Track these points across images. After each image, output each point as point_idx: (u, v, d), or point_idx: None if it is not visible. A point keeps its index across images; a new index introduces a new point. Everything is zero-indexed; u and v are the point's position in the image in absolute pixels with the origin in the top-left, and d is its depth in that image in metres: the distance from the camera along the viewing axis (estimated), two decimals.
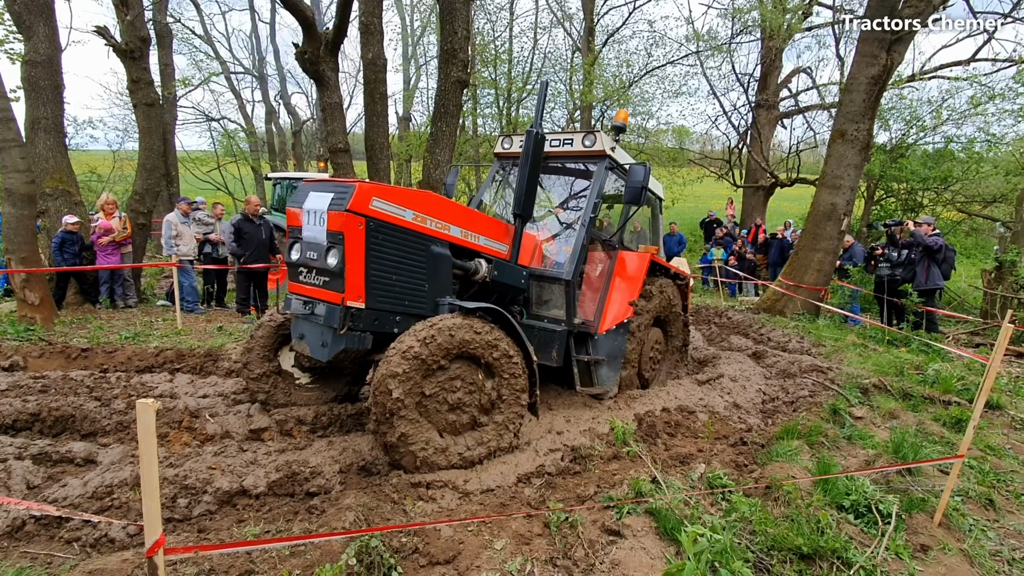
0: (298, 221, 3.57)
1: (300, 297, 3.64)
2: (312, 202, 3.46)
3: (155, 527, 1.68)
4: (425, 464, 3.37)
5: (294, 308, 3.69)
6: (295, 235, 3.62)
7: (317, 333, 3.58)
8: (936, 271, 7.69)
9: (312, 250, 3.48)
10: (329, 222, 3.33)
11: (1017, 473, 3.88)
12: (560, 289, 4.59)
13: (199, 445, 3.95)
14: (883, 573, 2.60)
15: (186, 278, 8.48)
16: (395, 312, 3.64)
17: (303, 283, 3.62)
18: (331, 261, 3.36)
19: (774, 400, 5.35)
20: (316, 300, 3.51)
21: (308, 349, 3.68)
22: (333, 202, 3.34)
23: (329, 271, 3.39)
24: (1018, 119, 12.83)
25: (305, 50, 8.02)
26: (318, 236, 3.41)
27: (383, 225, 3.46)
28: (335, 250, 3.35)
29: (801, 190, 17.78)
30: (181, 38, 22.32)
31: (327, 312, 3.41)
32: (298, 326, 3.78)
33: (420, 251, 3.69)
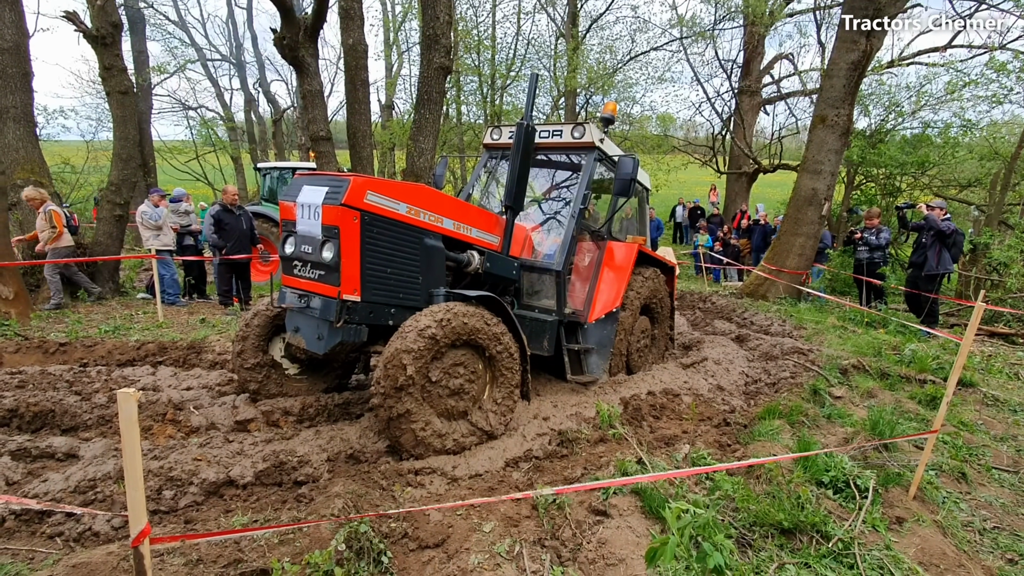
0: (292, 215, 3.56)
1: (295, 291, 3.65)
2: (306, 196, 3.46)
3: (140, 517, 1.67)
4: (422, 444, 3.40)
5: (289, 301, 3.71)
6: (289, 229, 3.62)
7: (313, 326, 3.58)
8: (947, 255, 7.69)
9: (307, 244, 3.49)
10: (324, 216, 3.33)
11: (989, 448, 4.01)
12: (551, 280, 4.66)
13: (184, 437, 3.92)
14: (860, 545, 2.68)
15: (166, 270, 8.34)
16: (390, 304, 3.67)
17: (297, 276, 3.63)
18: (326, 255, 3.38)
19: (757, 382, 5.46)
20: (312, 294, 3.53)
21: (304, 342, 3.67)
22: (328, 196, 3.34)
23: (324, 265, 3.41)
24: (992, 105, 13.07)
25: (283, 35, 7.84)
26: (313, 230, 3.42)
27: (377, 219, 3.48)
28: (330, 244, 3.35)
29: (783, 176, 17.99)
30: (154, 24, 21.73)
31: (323, 305, 3.44)
32: (293, 319, 3.78)
33: (414, 244, 3.73)
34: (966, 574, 2.58)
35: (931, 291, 7.67)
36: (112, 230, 8.92)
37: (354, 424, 4.14)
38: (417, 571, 2.55)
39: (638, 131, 22.06)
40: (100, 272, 8.69)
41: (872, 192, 14.55)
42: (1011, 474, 3.67)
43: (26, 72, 7.95)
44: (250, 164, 21.21)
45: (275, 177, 12.60)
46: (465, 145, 20.92)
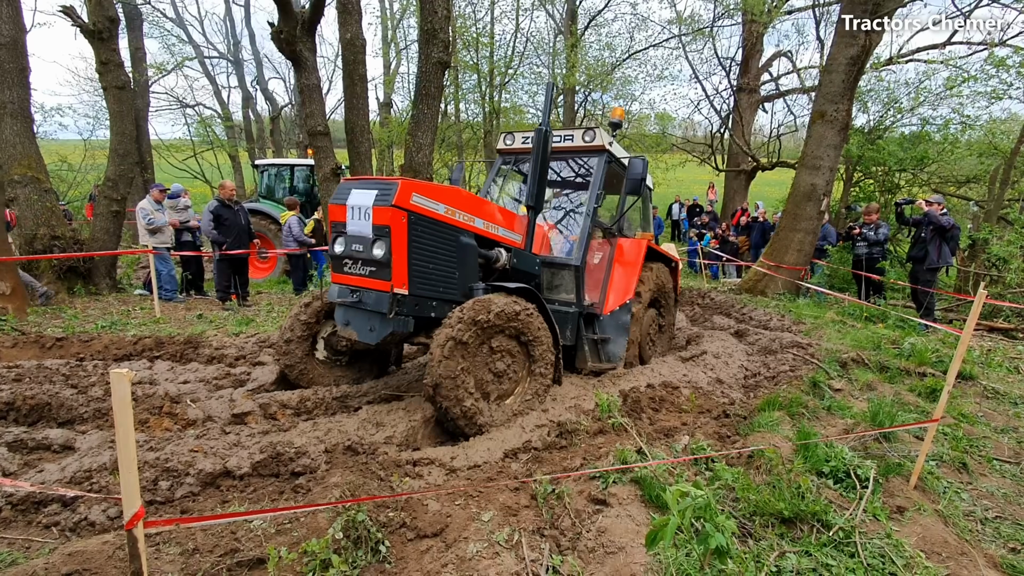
0: (342, 217, 3.81)
1: (346, 287, 3.90)
2: (356, 199, 3.73)
3: (133, 499, 1.65)
4: (469, 418, 3.64)
5: (339, 296, 3.96)
6: (338, 230, 3.87)
7: (364, 319, 3.84)
8: (946, 249, 7.75)
9: (358, 243, 3.75)
10: (375, 216, 3.61)
11: (989, 439, 4.00)
12: (570, 274, 4.93)
13: (181, 430, 3.89)
14: (861, 534, 2.67)
15: (164, 266, 8.31)
16: (433, 298, 3.93)
17: (348, 273, 3.89)
18: (377, 252, 3.65)
19: (756, 375, 5.44)
20: (363, 288, 3.78)
21: (356, 334, 3.90)
22: (378, 198, 3.61)
23: (376, 261, 3.68)
24: (991, 101, 13.06)
25: (281, 30, 7.82)
26: (363, 230, 3.69)
27: (422, 218, 3.75)
28: (381, 242, 3.62)
29: (782, 174, 17.98)
30: (152, 21, 21.67)
31: (375, 299, 3.70)
32: (343, 314, 4.02)
33: (452, 241, 3.99)
34: (968, 562, 2.56)
35: (929, 283, 7.70)
36: (109, 226, 8.88)
37: (352, 416, 4.11)
38: (415, 560, 2.53)
39: (636, 129, 22.05)
40: (97, 268, 8.66)
41: (871, 189, 14.54)
42: (1012, 465, 3.66)
43: (23, 67, 7.91)
44: (248, 162, 21.16)
45: (273, 174, 12.57)
46: (464, 143, 20.90)
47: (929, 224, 7.62)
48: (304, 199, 12.24)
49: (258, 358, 5.53)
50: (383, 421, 3.97)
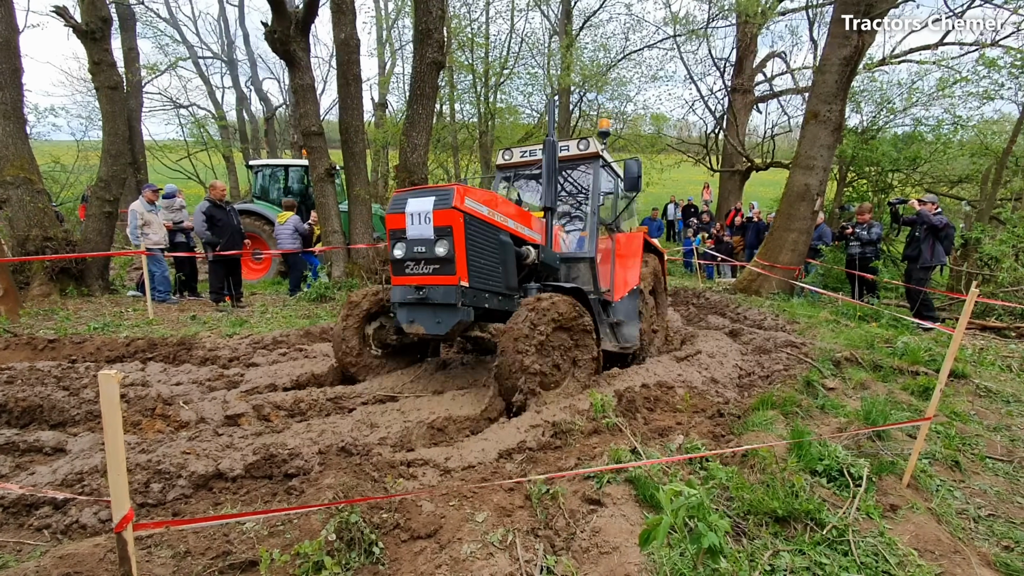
0: (401, 224, 4.17)
1: (409, 287, 4.24)
2: (414, 206, 4.10)
3: (123, 502, 1.63)
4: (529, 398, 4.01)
5: (402, 297, 4.30)
6: (397, 236, 4.23)
7: (429, 313, 4.20)
8: (940, 248, 7.80)
9: (420, 245, 4.11)
10: (435, 219, 3.99)
11: (982, 437, 4.01)
12: (586, 266, 5.43)
13: (173, 431, 3.87)
14: (855, 532, 2.67)
15: (157, 267, 8.26)
16: (485, 290, 4.31)
17: (411, 274, 4.22)
18: (440, 251, 4.02)
19: (750, 374, 5.45)
20: (429, 286, 4.12)
21: (423, 328, 4.26)
22: (437, 202, 4.00)
23: (439, 259, 4.05)
24: (983, 101, 13.14)
25: (274, 29, 7.79)
26: (425, 233, 4.06)
27: (473, 219, 4.15)
28: (443, 241, 4.00)
29: (776, 174, 18.03)
30: (145, 21, 21.54)
31: (443, 293, 4.05)
32: (407, 312, 4.36)
33: (495, 239, 4.40)
34: (961, 560, 2.57)
35: (922, 282, 7.74)
36: (101, 227, 8.83)
37: (346, 417, 4.11)
38: (409, 561, 2.52)
39: (632, 130, 22.08)
40: (90, 269, 8.60)
41: (864, 189, 14.61)
42: (1005, 463, 3.68)
43: (16, 68, 7.86)
44: (242, 162, 21.08)
45: (267, 175, 12.52)
46: (459, 143, 20.88)
47: (922, 223, 7.67)
48: (298, 200, 12.19)
49: (252, 359, 5.51)
50: (377, 422, 3.97)
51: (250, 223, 11.23)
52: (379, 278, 8.88)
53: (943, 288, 9.79)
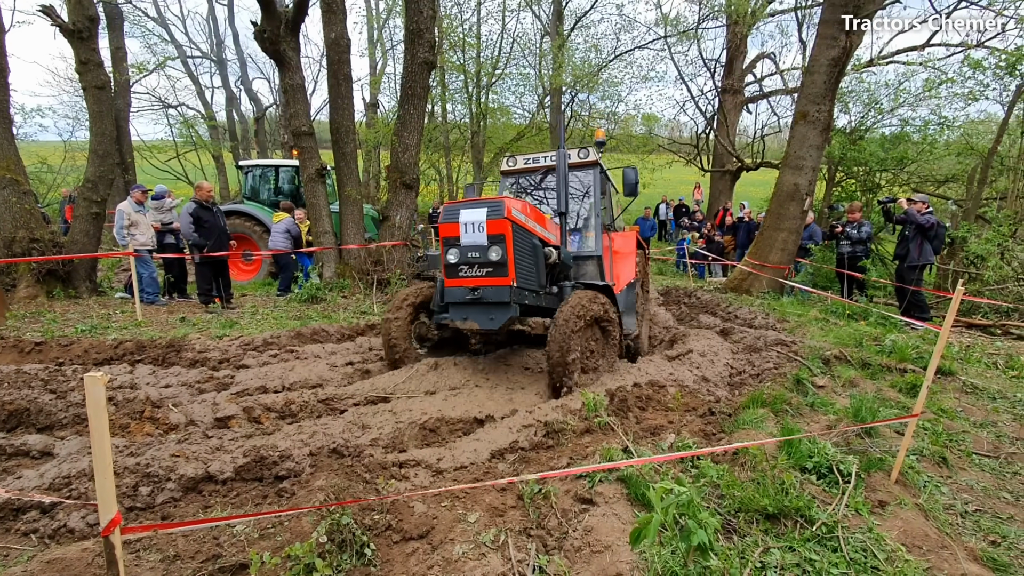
0: (455, 232, 4.63)
1: (463, 288, 4.69)
2: (467, 216, 4.57)
3: (110, 505, 1.62)
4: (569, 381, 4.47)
5: (458, 297, 4.72)
6: (451, 243, 4.68)
7: (482, 311, 4.68)
8: (928, 247, 7.85)
9: (474, 251, 4.60)
10: (488, 228, 4.50)
11: (968, 434, 4.07)
12: (595, 263, 5.99)
13: (162, 434, 3.84)
14: (844, 528, 2.70)
15: (145, 268, 8.17)
16: (527, 289, 4.79)
17: (465, 277, 4.68)
18: (493, 256, 4.53)
19: (741, 373, 5.49)
20: (483, 287, 4.59)
21: (476, 325, 4.72)
22: (490, 213, 4.51)
23: (492, 263, 4.55)
24: (968, 102, 13.31)
25: (264, 29, 7.74)
26: (479, 240, 4.55)
27: (518, 227, 4.65)
28: (496, 247, 4.50)
29: (766, 174, 18.16)
30: (133, 20, 21.33)
31: (496, 292, 4.55)
32: (460, 311, 4.82)
33: (532, 244, 4.87)
34: (949, 555, 2.60)
35: (914, 281, 7.80)
36: (89, 228, 8.72)
37: (338, 419, 4.09)
38: (401, 563, 2.51)
39: (624, 130, 22.14)
40: (77, 271, 8.50)
41: (852, 188, 14.75)
42: (991, 459, 3.73)
43: (2, 68, 7.78)
44: (232, 162, 20.92)
45: (257, 175, 12.42)
46: (451, 143, 20.85)
47: (911, 223, 7.75)
48: (289, 200, 12.12)
49: (242, 361, 5.47)
50: (369, 423, 3.95)
51: (240, 224, 11.14)
52: (371, 279, 8.84)
53: (931, 286, 9.90)
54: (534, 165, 6.21)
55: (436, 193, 22.80)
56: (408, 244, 9.61)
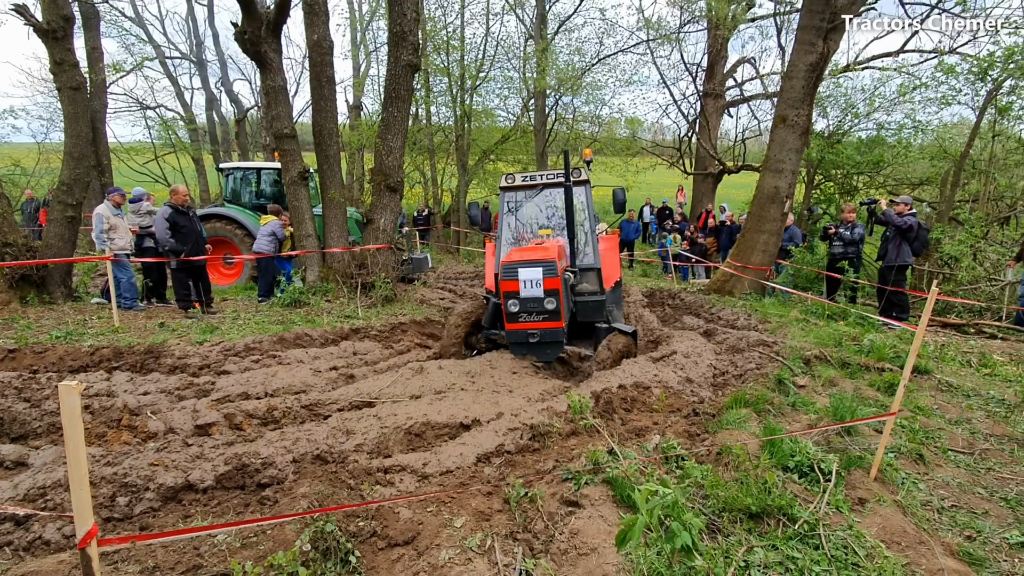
0: (515, 287, 5.63)
1: (523, 331, 5.77)
2: (526, 275, 5.58)
3: (86, 517, 1.58)
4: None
5: (520, 339, 5.83)
6: (511, 296, 5.68)
7: (540, 348, 5.90)
8: (906, 249, 7.96)
9: (532, 303, 5.66)
10: (545, 284, 5.56)
11: (944, 431, 4.16)
12: (595, 274, 6.78)
13: (140, 443, 3.76)
14: (825, 526, 2.74)
15: (123, 273, 8.00)
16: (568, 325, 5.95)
17: (524, 322, 5.75)
18: (549, 306, 5.64)
19: (724, 374, 5.55)
20: (541, 329, 5.74)
21: (535, 358, 5.93)
22: (546, 272, 5.55)
23: (549, 311, 5.67)
24: (941, 106, 13.67)
25: (245, 30, 7.65)
26: (536, 293, 5.61)
27: (563, 280, 5.73)
28: (551, 299, 5.60)
29: (747, 177, 18.42)
30: (109, 20, 20.91)
31: (552, 334, 5.77)
32: (519, 348, 5.95)
33: (567, 287, 5.92)
34: (926, 551, 2.66)
35: (895, 282, 7.94)
36: (63, 232, 8.51)
37: (322, 425, 4.04)
38: (386, 569, 2.49)
39: (608, 133, 22.29)
40: (51, 276, 8.29)
41: (831, 191, 15.03)
42: (966, 455, 3.82)
43: None
44: (212, 165, 20.61)
45: (238, 178, 12.23)
46: (435, 146, 20.78)
47: (889, 224, 7.91)
48: (273, 203, 11.97)
49: (223, 367, 5.39)
50: (353, 429, 3.92)
51: (221, 227, 10.97)
52: (355, 283, 8.76)
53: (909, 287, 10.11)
54: (531, 183, 7.04)
55: (420, 196, 22.71)
56: (393, 247, 9.56)
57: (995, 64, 11.36)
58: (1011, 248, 10.74)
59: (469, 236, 19.94)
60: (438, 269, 14.06)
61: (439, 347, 6.58)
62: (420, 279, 11.73)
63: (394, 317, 7.83)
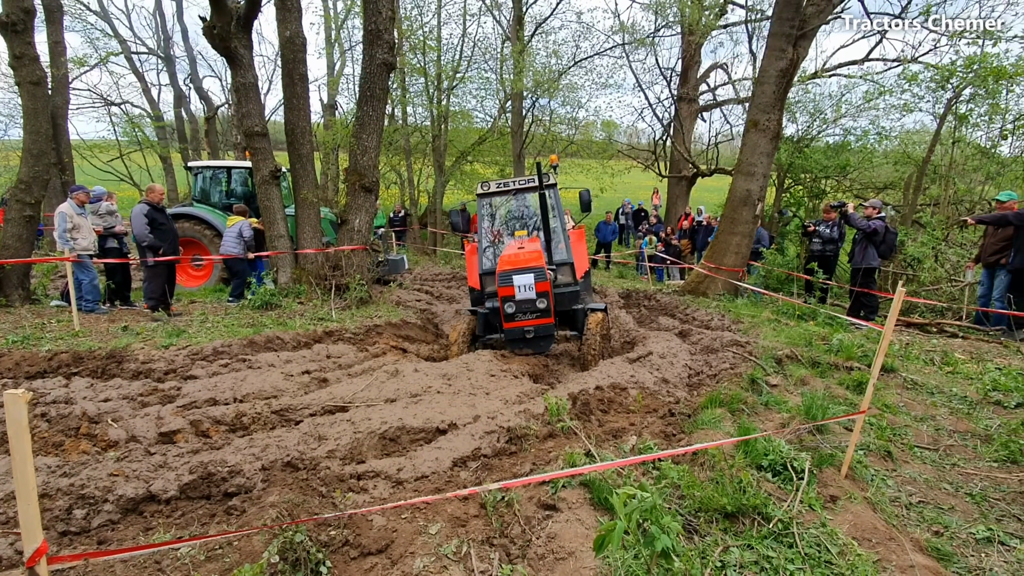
0: (511, 292, 6.28)
1: (519, 328, 6.45)
2: (520, 280, 6.24)
3: (34, 534, 1.48)
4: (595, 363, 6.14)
5: (518, 335, 6.49)
6: (508, 299, 6.32)
7: (535, 342, 6.58)
8: (872, 251, 8.13)
9: (526, 304, 6.31)
10: (537, 287, 6.22)
11: (910, 427, 4.27)
12: (568, 268, 7.28)
13: (100, 452, 3.60)
14: (798, 524, 2.77)
15: (85, 275, 7.69)
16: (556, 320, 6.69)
17: (520, 320, 6.43)
18: (541, 306, 6.31)
19: (699, 374, 5.60)
20: (535, 326, 6.43)
21: (530, 351, 6.57)
22: (537, 277, 6.21)
23: (541, 310, 6.35)
24: (904, 113, 14.14)
25: (214, 25, 7.44)
26: (530, 295, 6.26)
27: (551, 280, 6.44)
28: (542, 299, 6.27)
29: (720, 180, 18.74)
30: (73, 14, 20.19)
31: (546, 329, 6.46)
32: (517, 344, 6.58)
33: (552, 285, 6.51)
34: (896, 547, 2.71)
35: (863, 284, 8.14)
36: (21, 232, 8.15)
37: (292, 430, 3.94)
38: None
39: (584, 136, 22.40)
40: (8, 277, 7.92)
41: (800, 194, 15.40)
42: (932, 451, 3.92)
43: None
44: (180, 164, 20.01)
45: (208, 177, 11.90)
46: (412, 147, 20.60)
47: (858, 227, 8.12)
48: (242, 203, 11.67)
49: (190, 371, 5.21)
50: (326, 434, 3.82)
51: (190, 227, 10.65)
52: (329, 284, 8.60)
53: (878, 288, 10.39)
54: (505, 189, 7.60)
55: (397, 197, 22.47)
56: (368, 248, 9.41)
57: (955, 73, 11.79)
58: (970, 250, 11.15)
59: (446, 237, 19.82)
60: (414, 271, 13.92)
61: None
62: (396, 281, 11.58)
63: (369, 319, 7.71)
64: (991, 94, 11.65)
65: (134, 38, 23.90)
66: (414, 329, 8.00)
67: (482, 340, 7.10)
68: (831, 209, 9.30)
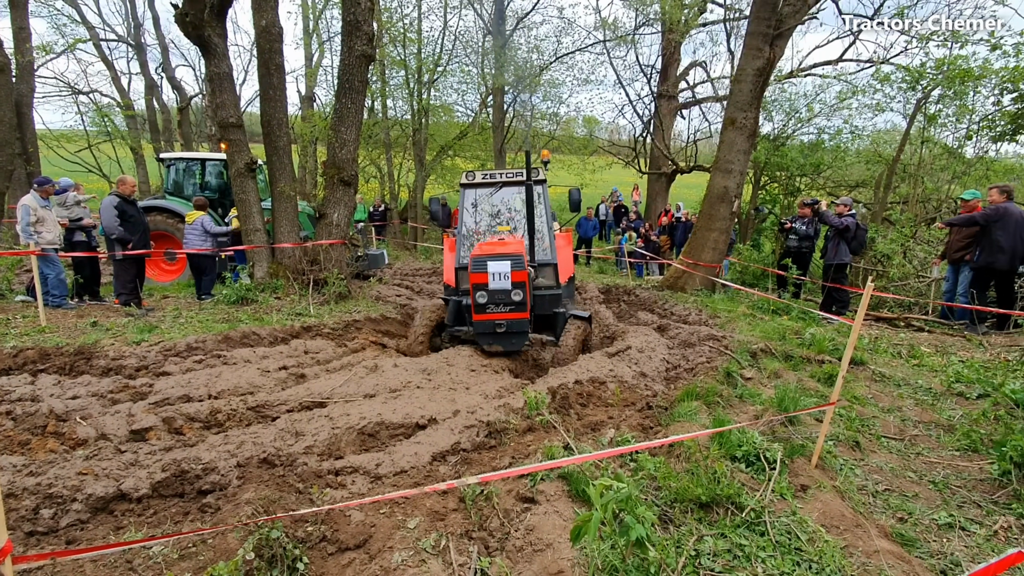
0: (484, 279, 5.74)
1: (491, 322, 5.87)
2: (495, 268, 5.70)
3: None
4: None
5: (488, 329, 5.92)
6: (480, 288, 5.80)
7: (507, 338, 6.00)
8: (843, 248, 8.36)
9: (500, 295, 5.76)
10: (512, 277, 5.70)
11: (878, 418, 4.40)
12: (552, 269, 6.94)
13: (68, 451, 3.50)
14: (770, 513, 2.84)
15: (51, 269, 7.45)
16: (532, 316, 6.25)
17: (492, 313, 5.85)
18: (516, 298, 5.78)
19: (676, 367, 5.69)
20: (508, 320, 5.85)
21: (502, 347, 6.09)
22: (514, 265, 5.69)
23: (516, 303, 5.80)
24: (876, 113, 14.49)
25: (186, 12, 7.24)
26: (505, 285, 5.73)
27: (528, 274, 5.86)
28: (518, 291, 5.75)
29: (698, 177, 18.99)
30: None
31: (519, 324, 5.89)
32: (486, 338, 6.04)
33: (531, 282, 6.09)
34: (863, 533, 2.79)
35: (834, 279, 8.35)
36: None
37: (269, 427, 3.89)
38: (336, 575, 2.41)
39: (565, 132, 22.46)
40: None
41: (776, 192, 15.68)
42: (898, 441, 4.05)
43: None
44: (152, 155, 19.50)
45: (181, 169, 11.61)
46: (392, 140, 20.40)
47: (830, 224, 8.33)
48: (216, 196, 11.42)
49: (163, 368, 5.10)
50: (303, 430, 3.78)
51: (162, 221, 10.39)
52: (307, 279, 8.49)
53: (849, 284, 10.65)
54: (491, 180, 7.28)
55: (377, 191, 22.24)
56: (347, 243, 9.30)
57: (925, 74, 12.12)
58: (936, 247, 11.50)
59: (426, 232, 19.70)
60: (394, 265, 13.81)
61: (405, 348, 6.51)
62: (376, 275, 11.48)
63: (348, 314, 7.63)
64: (959, 95, 12.00)
65: (103, 25, 23.16)
66: (394, 324, 7.95)
67: (449, 331, 6.66)
68: (805, 207, 9.50)
